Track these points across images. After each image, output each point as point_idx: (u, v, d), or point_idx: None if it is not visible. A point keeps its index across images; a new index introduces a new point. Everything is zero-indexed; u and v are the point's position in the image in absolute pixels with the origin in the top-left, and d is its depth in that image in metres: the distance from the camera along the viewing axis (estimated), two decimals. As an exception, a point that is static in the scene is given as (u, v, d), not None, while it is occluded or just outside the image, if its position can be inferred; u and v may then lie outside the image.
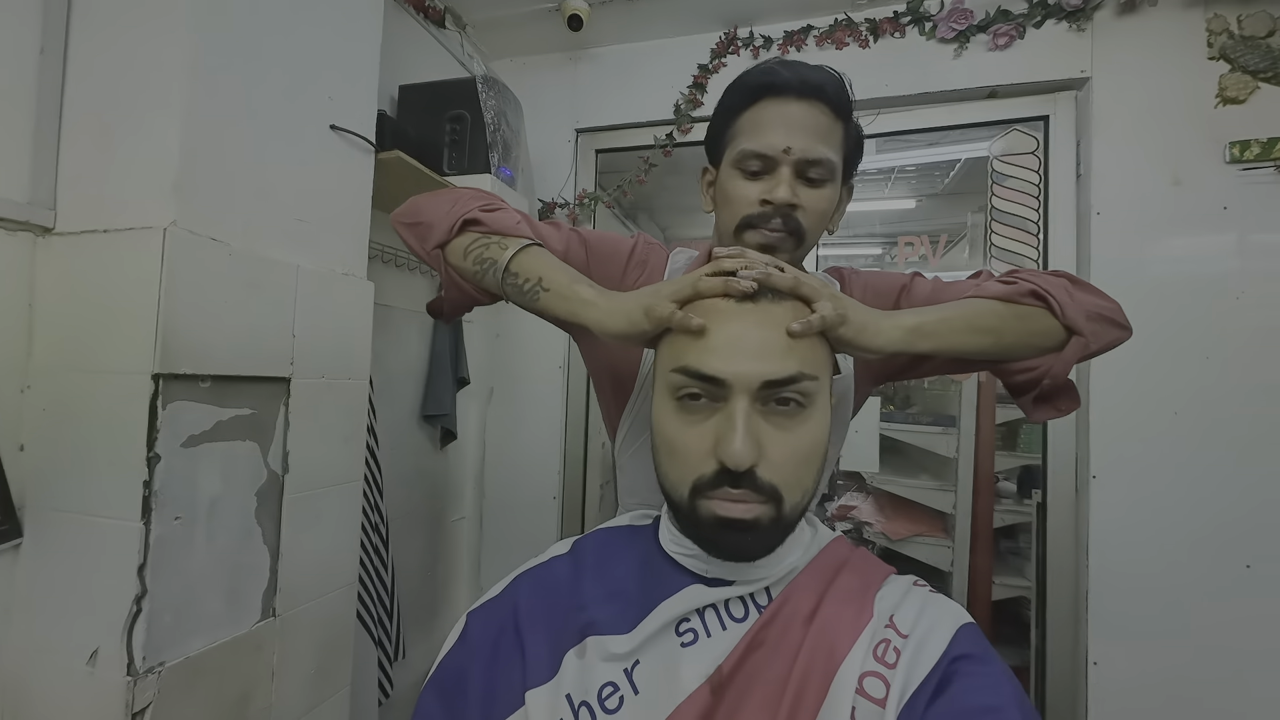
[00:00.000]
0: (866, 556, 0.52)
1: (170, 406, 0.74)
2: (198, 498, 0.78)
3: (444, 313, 0.73)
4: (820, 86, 0.60)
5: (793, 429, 0.44)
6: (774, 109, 0.61)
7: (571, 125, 1.81)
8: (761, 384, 0.43)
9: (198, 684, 0.77)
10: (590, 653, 0.45)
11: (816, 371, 0.45)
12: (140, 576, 0.71)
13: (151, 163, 0.76)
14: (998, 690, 0.40)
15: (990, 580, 2.02)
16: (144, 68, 0.77)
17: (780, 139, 0.60)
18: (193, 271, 0.76)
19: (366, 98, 1.06)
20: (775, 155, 0.60)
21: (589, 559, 0.52)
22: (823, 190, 0.62)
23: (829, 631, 0.44)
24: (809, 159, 0.60)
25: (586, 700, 0.43)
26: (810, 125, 0.60)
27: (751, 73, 0.63)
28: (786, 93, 0.60)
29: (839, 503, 2.57)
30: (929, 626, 0.43)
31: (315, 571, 0.96)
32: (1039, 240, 1.52)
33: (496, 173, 1.35)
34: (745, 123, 0.63)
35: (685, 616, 0.46)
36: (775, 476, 0.43)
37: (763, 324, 0.44)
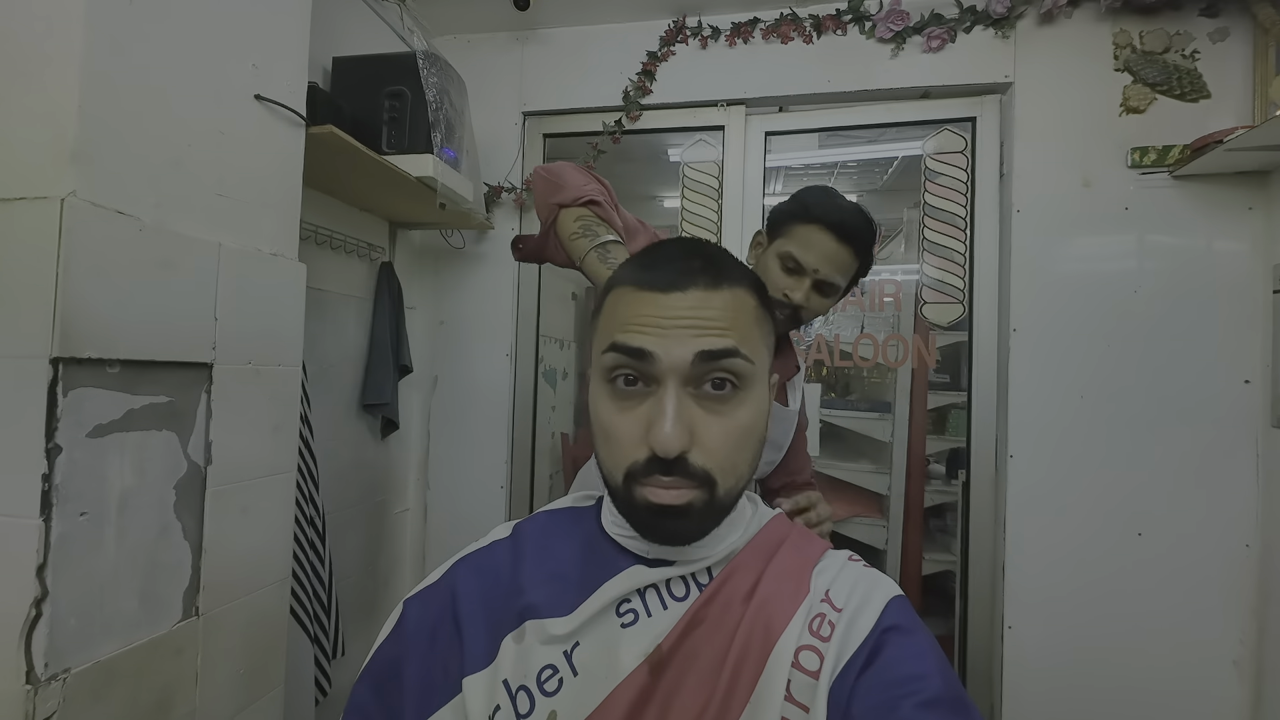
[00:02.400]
0: (805, 533, 0.53)
1: (73, 393, 0.68)
2: (106, 492, 0.72)
3: (524, 251, 0.95)
4: (855, 234, 0.84)
5: (726, 413, 0.44)
6: (820, 236, 0.84)
7: (519, 108, 1.77)
8: (695, 356, 0.42)
9: (110, 689, 0.72)
10: (529, 636, 0.45)
11: (752, 355, 0.44)
12: (40, 577, 0.66)
13: (46, 126, 0.69)
14: (922, 659, 0.42)
15: (920, 556, 2.15)
16: (33, 17, 0.70)
17: (813, 261, 0.85)
18: (96, 247, 0.70)
19: (295, 69, 1.00)
20: (806, 269, 0.85)
21: (530, 542, 0.52)
22: (827, 299, 0.89)
23: (767, 608, 0.45)
24: (827, 281, 0.86)
25: (525, 684, 0.43)
26: (837, 260, 0.85)
27: (819, 202, 0.86)
28: (834, 230, 0.84)
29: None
30: (861, 600, 0.45)
31: (244, 568, 0.91)
32: (966, 235, 1.61)
33: (439, 153, 1.31)
34: (799, 232, 0.86)
35: (626, 597, 0.46)
36: (708, 462, 0.43)
37: (697, 306, 0.44)
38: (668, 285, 0.44)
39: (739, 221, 1.69)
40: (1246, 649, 1.36)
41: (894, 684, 0.41)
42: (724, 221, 1.70)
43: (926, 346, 1.68)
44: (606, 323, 0.47)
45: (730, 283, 0.45)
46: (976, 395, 1.58)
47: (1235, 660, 1.36)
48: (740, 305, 0.46)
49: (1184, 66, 1.43)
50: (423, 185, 1.31)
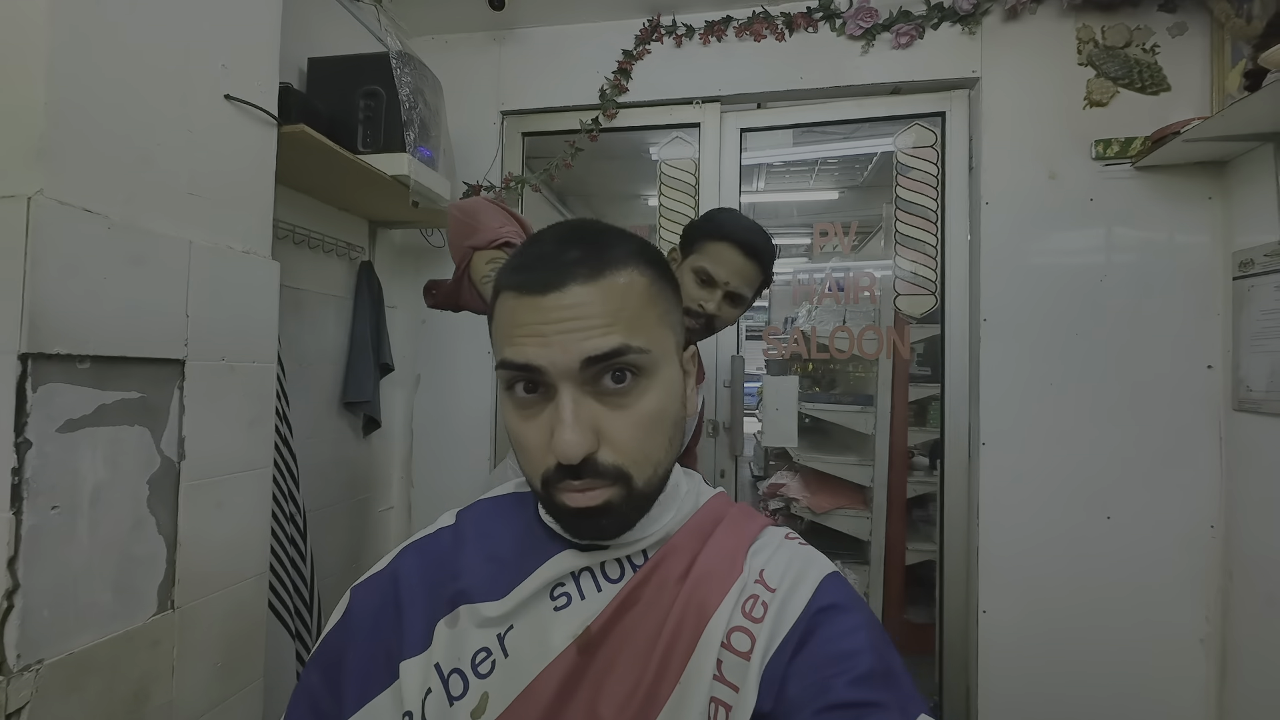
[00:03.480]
0: (745, 511, 0.54)
1: (42, 389, 0.69)
2: (78, 485, 0.73)
3: (436, 297, 0.94)
4: (761, 251, 0.95)
5: (630, 405, 0.43)
6: (731, 252, 0.94)
7: (497, 107, 1.78)
8: (583, 363, 0.41)
9: (84, 681, 0.73)
10: (463, 620, 0.46)
11: (648, 344, 0.43)
12: (11, 570, 0.67)
13: (12, 125, 0.70)
14: (854, 634, 0.43)
15: (904, 546, 2.18)
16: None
17: (725, 274, 0.94)
18: (65, 244, 0.71)
19: (267, 68, 1.01)
20: (718, 282, 0.94)
21: (470, 527, 0.53)
22: (736, 309, 0.99)
23: (700, 588, 0.45)
24: (736, 293, 0.96)
25: (459, 667, 0.44)
26: (745, 273, 0.95)
27: (729, 222, 0.97)
28: (742, 247, 0.94)
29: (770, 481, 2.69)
30: (795, 579, 0.46)
31: (220, 562, 0.92)
32: (938, 228, 1.64)
33: (413, 152, 1.32)
34: (711, 249, 0.95)
35: (560, 581, 0.47)
36: (619, 458, 0.42)
37: (575, 305, 0.41)
38: (544, 286, 0.42)
39: (716, 217, 1.71)
40: (1212, 626, 1.39)
41: (827, 662, 0.41)
42: (701, 217, 1.72)
43: (902, 339, 1.71)
44: (497, 333, 0.45)
45: (613, 267, 0.43)
46: (949, 385, 1.61)
47: (1202, 639, 1.40)
48: (627, 290, 0.43)
49: (1144, 60, 1.46)
50: (399, 184, 1.32)
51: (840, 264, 1.77)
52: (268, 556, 1.02)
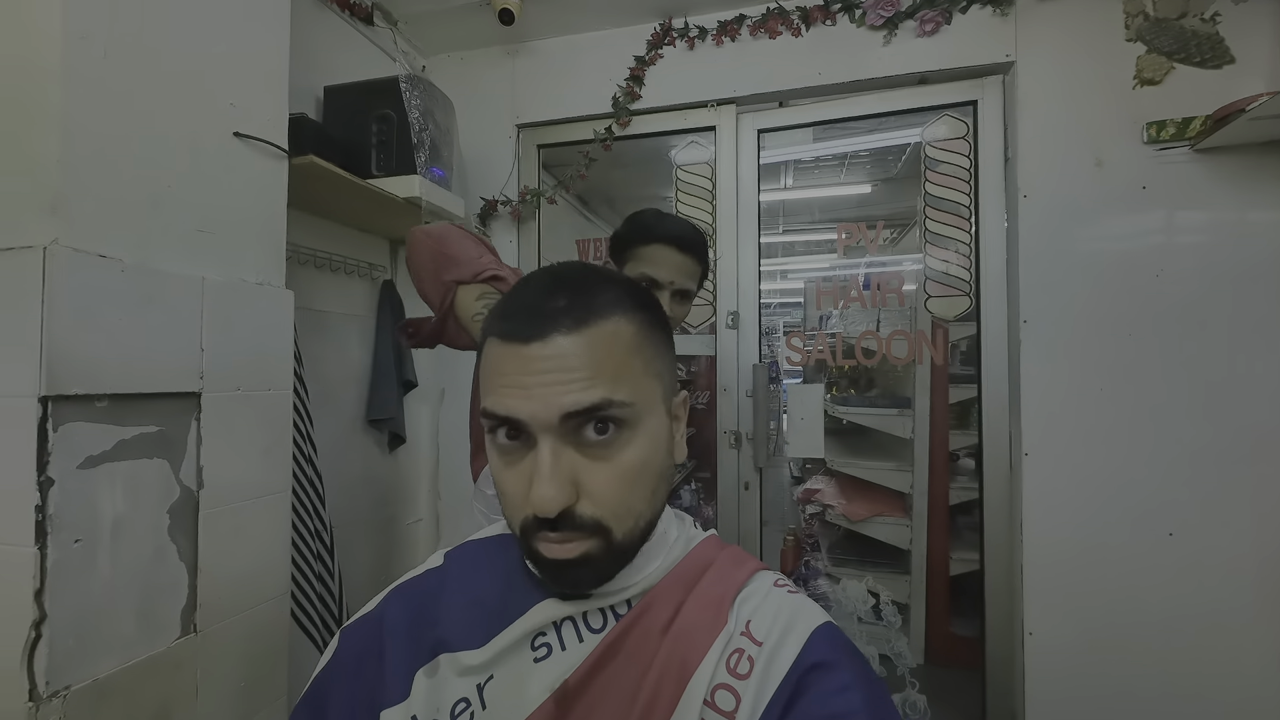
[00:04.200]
0: (735, 556, 0.51)
1: (63, 428, 0.73)
2: (99, 519, 0.77)
3: (417, 338, 0.88)
4: (694, 243, 0.97)
5: (611, 457, 0.42)
6: (665, 252, 0.95)
7: (512, 121, 1.79)
8: (562, 417, 0.40)
9: (109, 705, 0.76)
10: (443, 669, 0.46)
11: (631, 397, 0.42)
12: (38, 601, 0.70)
13: (27, 178, 0.74)
14: (845, 694, 0.40)
15: (947, 556, 2.08)
16: (13, 82, 0.75)
17: (666, 274, 0.94)
18: (79, 290, 0.74)
19: (275, 102, 1.04)
20: (663, 283, 0.94)
21: (454, 570, 0.53)
22: (685, 304, 0.99)
23: (683, 641, 0.43)
24: (681, 289, 0.96)
25: (437, 718, 0.44)
26: (684, 269, 0.96)
27: (656, 223, 0.96)
28: (675, 244, 0.95)
29: (805, 486, 2.62)
30: (782, 632, 0.43)
31: (240, 585, 0.95)
32: (971, 224, 1.54)
33: (425, 173, 1.34)
34: (645, 253, 0.95)
35: (541, 630, 0.46)
36: (598, 510, 0.41)
37: (558, 356, 0.41)
38: (527, 335, 0.41)
39: (733, 221, 1.67)
40: (1293, 653, 1.26)
41: None
42: (719, 222, 1.68)
43: (935, 342, 1.62)
44: (483, 378, 0.45)
45: (598, 317, 0.42)
46: (987, 390, 1.52)
47: (1281, 665, 1.27)
48: (612, 341, 0.42)
49: (1203, 31, 1.33)
50: (413, 205, 1.34)
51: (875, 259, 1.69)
52: (289, 577, 1.05)
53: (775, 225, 3.52)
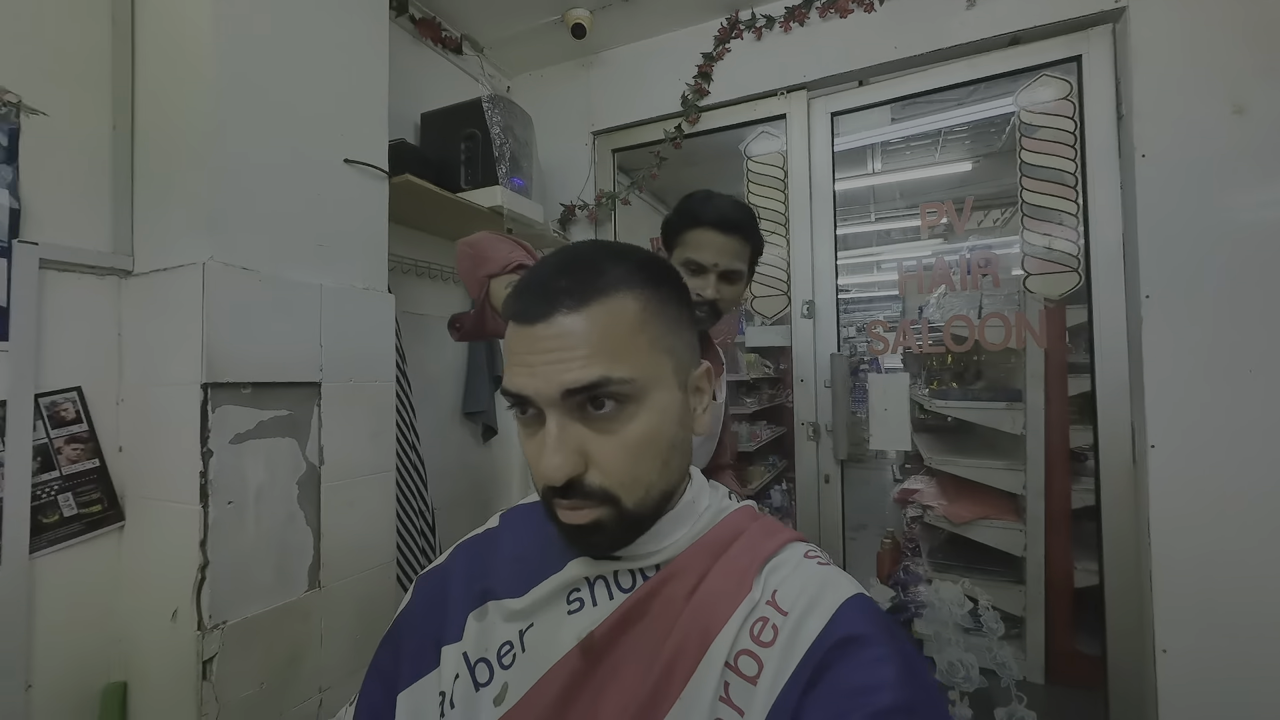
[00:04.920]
0: (768, 527, 0.52)
1: (218, 410, 0.89)
2: (246, 485, 0.93)
3: (462, 330, 0.94)
4: (738, 223, 0.95)
5: (616, 430, 0.43)
6: (709, 235, 0.94)
7: (588, 129, 1.88)
8: (562, 394, 0.42)
9: (255, 642, 0.92)
10: (491, 614, 0.51)
11: (633, 374, 0.43)
12: (203, 550, 0.87)
13: (194, 212, 0.92)
14: (876, 667, 0.39)
15: (1070, 565, 1.87)
16: (180, 133, 0.94)
17: (711, 257, 0.94)
18: (228, 297, 0.91)
19: (377, 131, 1.19)
20: (708, 266, 0.94)
21: (507, 530, 0.58)
22: (736, 285, 0.98)
23: (707, 607, 0.45)
24: (728, 270, 0.95)
25: (485, 657, 0.49)
26: (729, 249, 0.95)
27: (699, 206, 0.96)
28: (719, 226, 0.94)
29: (902, 485, 2.47)
30: (809, 603, 0.43)
31: (354, 550, 1.10)
32: (1078, 193, 1.39)
33: (506, 183, 1.45)
34: (691, 238, 0.96)
35: (576, 586, 0.49)
36: (605, 480, 0.43)
37: (560, 335, 0.43)
38: (533, 316, 0.44)
39: (806, 209, 1.63)
40: None
41: (843, 696, 0.39)
42: (791, 210, 1.65)
43: (1042, 325, 1.47)
44: (505, 357, 0.48)
45: (601, 295, 0.44)
46: (1102, 377, 1.36)
47: None
48: (613, 318, 0.43)
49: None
50: (496, 213, 1.46)
51: (978, 243, 1.58)
52: (394, 547, 1.19)
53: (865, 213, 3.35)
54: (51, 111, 0.91)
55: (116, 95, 0.98)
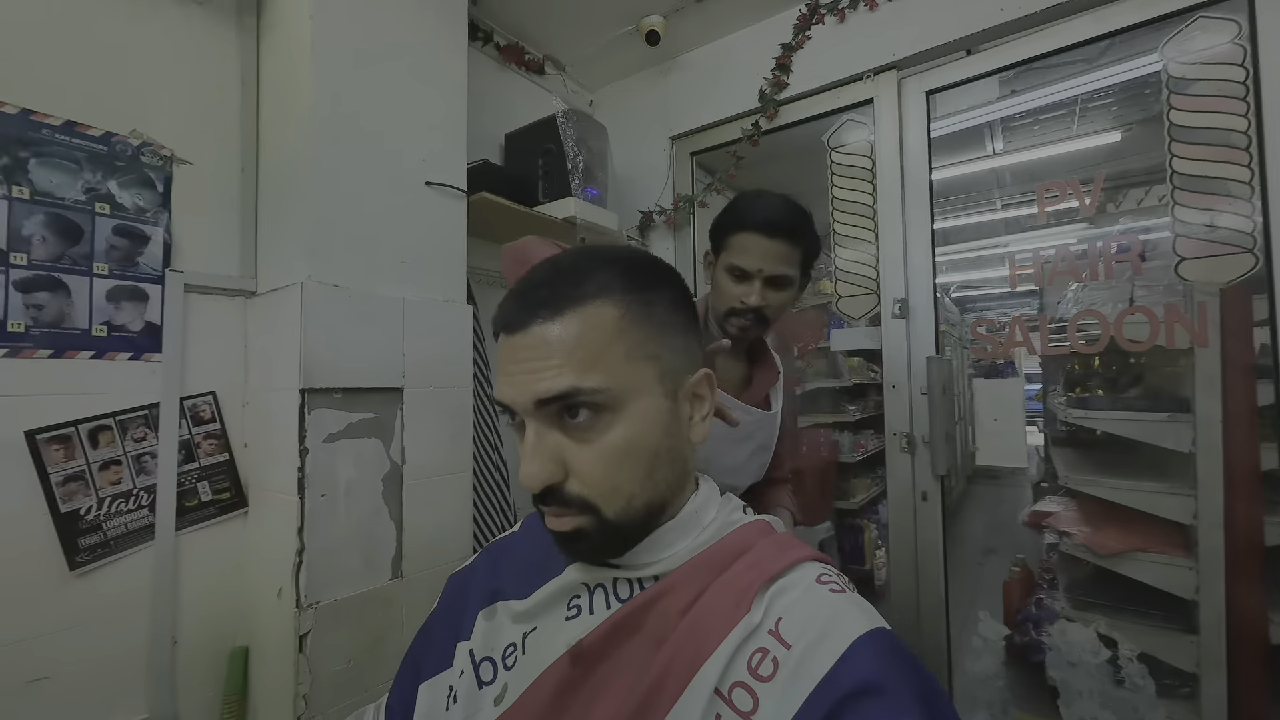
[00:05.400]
0: (780, 543, 0.48)
1: (314, 412, 1.00)
2: (336, 480, 1.03)
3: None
4: (783, 226, 0.88)
5: (593, 440, 0.43)
6: (752, 239, 0.89)
7: (666, 134, 1.88)
8: (534, 403, 0.43)
9: (344, 622, 1.02)
10: (500, 614, 0.52)
11: (606, 383, 0.42)
12: (300, 536, 0.98)
13: (297, 237, 1.04)
14: None
15: (1265, 616, 1.52)
16: (289, 170, 1.07)
17: (754, 262, 0.89)
18: (323, 312, 1.02)
19: (456, 153, 1.28)
20: (751, 272, 0.89)
21: (525, 533, 0.59)
22: (784, 291, 0.92)
23: (700, 626, 0.42)
24: (775, 276, 0.89)
25: (490, 656, 0.50)
26: (775, 254, 0.89)
27: (743, 208, 0.91)
28: (762, 230, 0.88)
29: (1033, 507, 2.16)
30: (816, 637, 0.39)
31: (433, 544, 1.17)
32: (1251, 157, 1.13)
33: (580, 194, 1.49)
34: (735, 242, 0.91)
35: (576, 593, 0.49)
36: (584, 489, 0.43)
37: (534, 345, 0.43)
38: (512, 326, 0.45)
39: (897, 199, 1.49)
40: None
41: None
42: (880, 203, 1.52)
43: (1200, 319, 1.22)
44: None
45: (576, 304, 0.43)
46: (1292, 382, 1.09)
47: None
48: (587, 327, 0.43)
49: None
50: (569, 224, 1.51)
51: (1129, 225, 1.35)
52: (471, 543, 1.26)
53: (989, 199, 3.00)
54: (196, 160, 1.09)
55: (244, 142, 1.14)
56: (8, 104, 0.89)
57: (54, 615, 0.90)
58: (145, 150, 1.02)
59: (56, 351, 0.92)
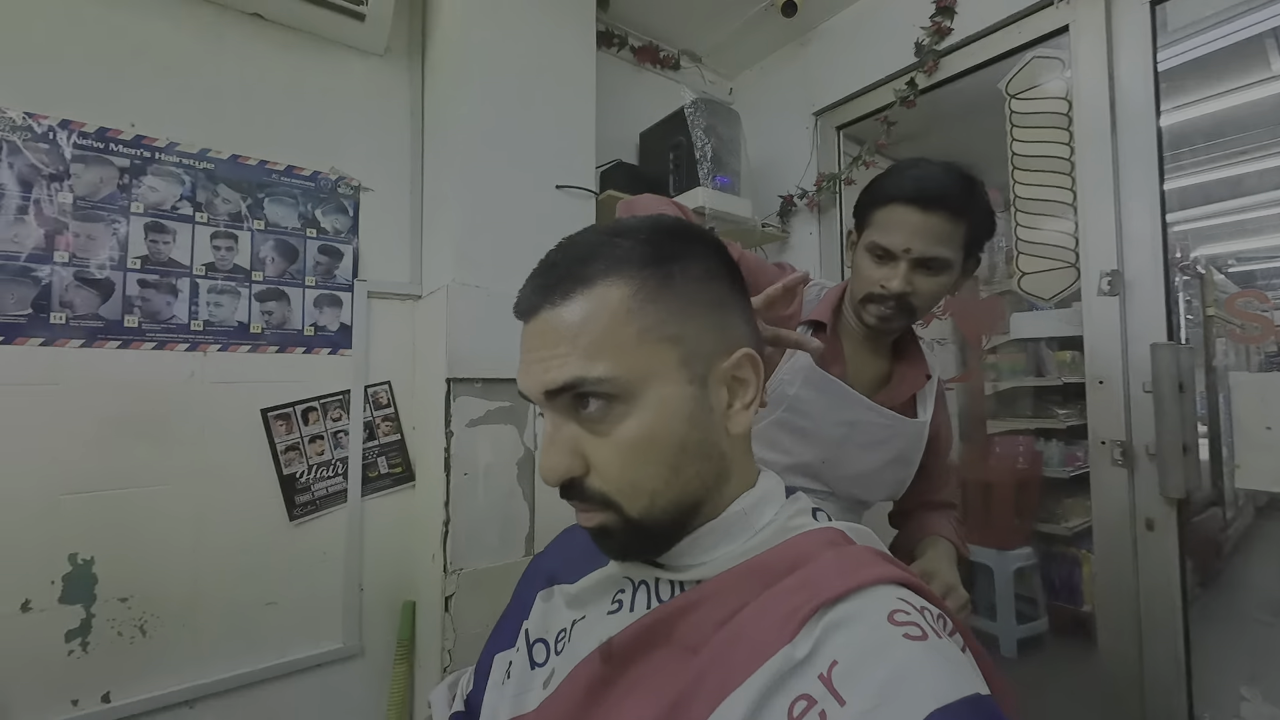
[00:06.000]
0: (850, 559, 0.39)
1: (458, 400, 1.13)
2: (477, 461, 1.14)
3: None
4: (940, 198, 0.73)
5: (608, 432, 0.40)
6: (901, 214, 0.75)
7: (809, 110, 1.74)
8: (544, 394, 0.41)
9: (481, 589, 1.13)
10: (556, 598, 0.52)
11: (615, 371, 0.38)
12: (446, 509, 1.11)
13: (447, 244, 1.19)
14: None
15: None
16: (443, 185, 1.22)
17: (901, 241, 0.75)
18: (464, 310, 1.14)
19: (586, 158, 1.34)
20: (896, 252, 0.75)
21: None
22: (938, 277, 0.76)
23: (732, 650, 0.36)
24: (926, 258, 0.75)
25: (544, 638, 0.50)
26: (928, 231, 0.74)
27: (893, 178, 0.77)
28: (913, 203, 0.74)
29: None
30: (877, 698, 0.31)
31: (563, 527, 1.24)
32: None
33: (709, 184, 1.45)
34: (880, 218, 0.77)
35: (621, 587, 0.47)
36: (604, 484, 0.40)
37: (543, 333, 0.41)
38: (524, 313, 0.43)
39: (1106, 150, 1.17)
40: None
41: None
42: (1081, 158, 1.21)
43: None
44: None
45: (583, 286, 0.40)
46: None
47: None
48: (594, 310, 0.39)
49: None
50: (698, 215, 1.48)
51: None
52: (599, 531, 1.30)
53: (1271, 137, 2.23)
54: (376, 187, 1.30)
55: (412, 167, 1.33)
56: (251, 158, 1.16)
57: (280, 555, 1.15)
58: (340, 183, 1.25)
59: (281, 347, 1.17)
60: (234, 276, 1.12)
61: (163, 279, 1.06)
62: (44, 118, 0.98)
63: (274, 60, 1.19)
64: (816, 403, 0.83)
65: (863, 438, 0.84)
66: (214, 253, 1.11)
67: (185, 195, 1.08)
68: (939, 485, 0.95)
